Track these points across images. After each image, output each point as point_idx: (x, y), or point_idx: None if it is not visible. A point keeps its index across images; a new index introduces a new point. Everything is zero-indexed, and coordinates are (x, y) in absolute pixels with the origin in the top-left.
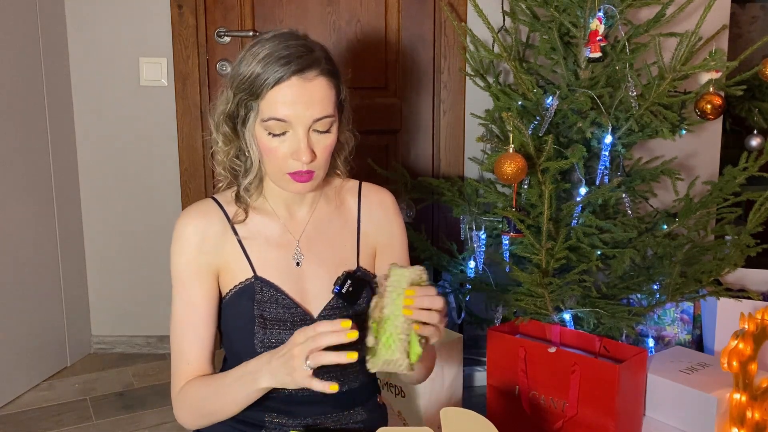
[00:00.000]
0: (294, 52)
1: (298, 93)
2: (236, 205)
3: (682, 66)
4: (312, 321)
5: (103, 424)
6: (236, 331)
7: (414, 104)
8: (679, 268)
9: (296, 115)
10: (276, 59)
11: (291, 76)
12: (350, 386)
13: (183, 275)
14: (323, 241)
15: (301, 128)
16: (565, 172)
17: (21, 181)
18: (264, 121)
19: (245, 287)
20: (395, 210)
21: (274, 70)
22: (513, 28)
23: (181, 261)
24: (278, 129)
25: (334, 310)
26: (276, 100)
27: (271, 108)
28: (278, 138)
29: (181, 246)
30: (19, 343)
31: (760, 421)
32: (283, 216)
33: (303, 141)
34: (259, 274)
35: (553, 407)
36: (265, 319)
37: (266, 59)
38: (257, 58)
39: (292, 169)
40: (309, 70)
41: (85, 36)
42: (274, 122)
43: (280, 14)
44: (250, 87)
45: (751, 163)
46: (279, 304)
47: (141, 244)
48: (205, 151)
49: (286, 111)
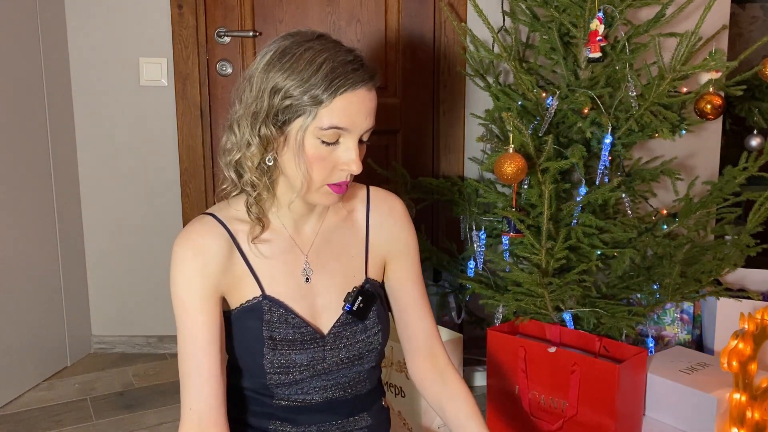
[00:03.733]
0: (355, 60)
1: (362, 103)
2: (250, 219)
3: (682, 66)
4: (322, 338)
5: (103, 424)
6: (244, 349)
7: (414, 104)
8: (679, 268)
9: (356, 125)
10: (344, 65)
11: (361, 85)
12: (358, 393)
13: (186, 303)
14: (332, 253)
15: (355, 138)
16: (565, 172)
17: (21, 181)
18: (323, 129)
19: (253, 306)
20: (406, 217)
21: (347, 78)
22: (513, 28)
23: (181, 288)
24: (333, 138)
25: (344, 326)
26: (342, 108)
27: (335, 116)
28: (328, 147)
29: (182, 271)
30: (19, 343)
31: (760, 421)
32: (291, 230)
33: (356, 151)
34: (268, 292)
35: (552, 407)
36: (274, 341)
37: (327, 65)
38: (315, 62)
39: (337, 179)
40: (372, 81)
41: (85, 36)
42: (334, 131)
43: (280, 14)
44: (311, 90)
45: (751, 163)
46: (289, 324)
47: (141, 244)
48: (205, 151)
49: (350, 120)
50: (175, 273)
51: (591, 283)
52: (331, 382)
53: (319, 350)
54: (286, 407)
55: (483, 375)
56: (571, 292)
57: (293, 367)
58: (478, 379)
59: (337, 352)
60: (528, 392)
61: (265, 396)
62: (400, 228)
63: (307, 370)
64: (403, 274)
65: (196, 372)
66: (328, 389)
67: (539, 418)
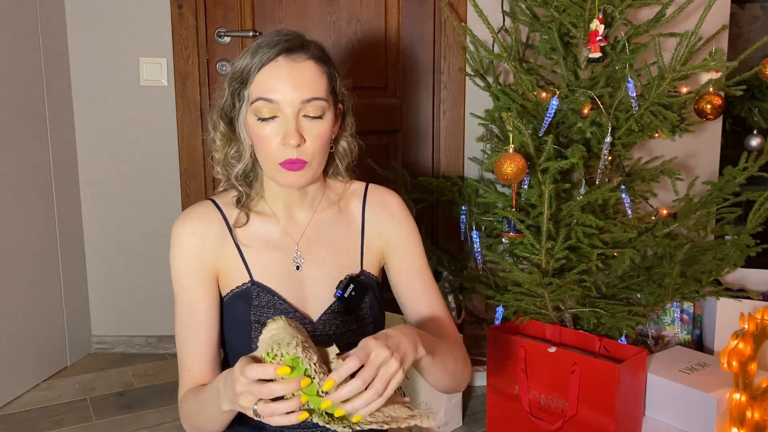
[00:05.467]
0: (283, 38)
1: (285, 73)
2: (237, 208)
3: (682, 66)
4: (311, 324)
5: (103, 424)
6: (234, 334)
7: (414, 104)
8: (679, 268)
9: (284, 96)
10: (264, 45)
11: (277, 56)
12: None
13: (183, 279)
14: (324, 244)
15: (289, 110)
16: (565, 172)
17: (21, 181)
18: (252, 103)
19: (242, 292)
20: (402, 211)
21: (261, 54)
22: (513, 28)
23: (180, 265)
24: (267, 112)
25: (334, 314)
26: (263, 80)
27: (259, 89)
28: (267, 123)
29: (180, 250)
30: (19, 343)
31: (760, 421)
32: (283, 218)
33: (291, 123)
34: (256, 278)
35: (552, 407)
36: (261, 324)
37: (256, 47)
38: (249, 50)
39: (283, 157)
40: (297, 52)
41: (85, 36)
42: (262, 102)
43: (280, 14)
44: (241, 75)
45: (751, 163)
46: (277, 309)
47: (141, 244)
48: (205, 151)
49: (273, 90)
50: (173, 252)
51: (591, 283)
52: None
53: None
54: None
55: (483, 375)
56: (571, 292)
57: None
58: (478, 379)
59: (326, 339)
60: (528, 392)
61: None
62: (396, 222)
63: None
64: (403, 266)
65: (193, 341)
66: None
67: (539, 418)
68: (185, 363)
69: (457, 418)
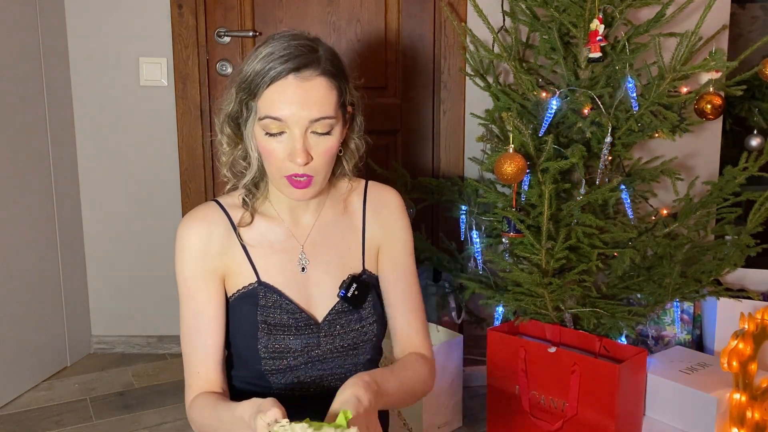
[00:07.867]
0: (294, 51)
1: (294, 92)
2: (243, 208)
3: (682, 66)
4: (317, 325)
5: (103, 424)
6: (240, 334)
7: (414, 104)
8: (679, 268)
9: (292, 115)
10: (275, 58)
11: (287, 74)
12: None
13: (189, 282)
14: (328, 245)
15: (297, 129)
16: (565, 172)
17: (21, 180)
18: (260, 119)
19: (248, 292)
20: (399, 210)
21: (271, 68)
22: (513, 28)
23: (185, 267)
24: (275, 128)
25: (339, 314)
26: (271, 98)
27: (267, 106)
28: (275, 138)
29: (185, 252)
30: (19, 343)
31: (760, 421)
32: (288, 221)
33: (299, 142)
34: (263, 279)
35: (552, 407)
36: (268, 325)
37: (266, 58)
38: (259, 57)
39: (289, 171)
40: (307, 69)
41: (85, 36)
42: (270, 121)
43: (280, 14)
44: (249, 86)
45: (751, 163)
46: (283, 309)
47: (141, 244)
48: (205, 151)
49: (281, 110)
50: (178, 254)
51: (591, 283)
52: (326, 372)
53: (314, 336)
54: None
55: (483, 375)
56: (571, 292)
57: (287, 353)
58: (478, 379)
59: (331, 339)
60: (528, 392)
61: (260, 386)
62: (392, 220)
63: (302, 356)
64: (389, 266)
65: (200, 343)
66: (324, 379)
67: (539, 418)
68: (193, 365)
69: (457, 418)
